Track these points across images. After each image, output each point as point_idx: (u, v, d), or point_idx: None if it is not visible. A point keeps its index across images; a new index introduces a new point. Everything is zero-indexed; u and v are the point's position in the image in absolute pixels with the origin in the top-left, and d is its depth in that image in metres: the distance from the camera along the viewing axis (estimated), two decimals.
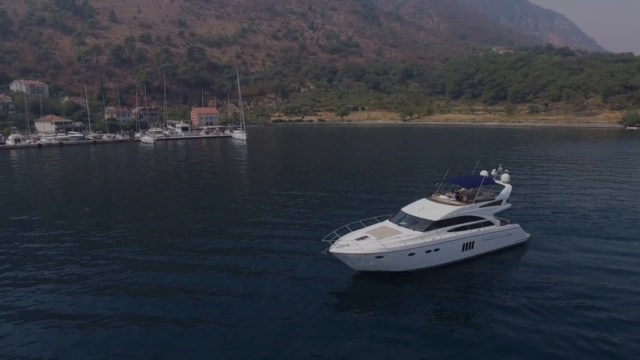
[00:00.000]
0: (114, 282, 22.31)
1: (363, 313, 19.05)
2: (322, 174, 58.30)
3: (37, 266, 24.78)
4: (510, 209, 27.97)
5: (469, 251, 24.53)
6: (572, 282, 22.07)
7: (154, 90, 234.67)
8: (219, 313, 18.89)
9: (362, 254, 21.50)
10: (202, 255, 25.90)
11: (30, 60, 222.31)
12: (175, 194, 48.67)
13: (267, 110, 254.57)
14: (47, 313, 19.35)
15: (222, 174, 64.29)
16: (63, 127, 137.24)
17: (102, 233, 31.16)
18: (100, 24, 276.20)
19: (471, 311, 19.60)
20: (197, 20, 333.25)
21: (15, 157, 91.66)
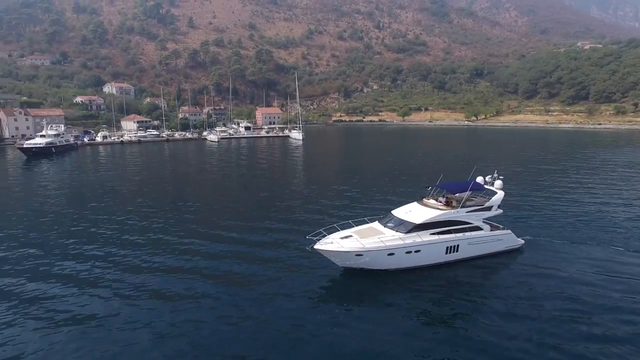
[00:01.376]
0: (163, 253, 26.00)
1: (343, 306, 20.67)
2: (367, 173, 59.45)
3: (114, 247, 29.54)
4: (528, 217, 27.49)
5: (453, 254, 25.19)
6: (556, 292, 22.05)
7: (223, 91, 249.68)
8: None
9: (343, 252, 23.03)
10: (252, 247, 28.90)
11: (121, 65, 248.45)
12: (228, 188, 53.10)
13: (329, 110, 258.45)
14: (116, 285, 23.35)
15: (272, 171, 68.12)
16: (143, 126, 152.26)
17: (160, 220, 35.73)
18: (180, 30, 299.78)
19: (449, 312, 20.42)
20: (267, 23, 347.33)
21: (102, 151, 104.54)
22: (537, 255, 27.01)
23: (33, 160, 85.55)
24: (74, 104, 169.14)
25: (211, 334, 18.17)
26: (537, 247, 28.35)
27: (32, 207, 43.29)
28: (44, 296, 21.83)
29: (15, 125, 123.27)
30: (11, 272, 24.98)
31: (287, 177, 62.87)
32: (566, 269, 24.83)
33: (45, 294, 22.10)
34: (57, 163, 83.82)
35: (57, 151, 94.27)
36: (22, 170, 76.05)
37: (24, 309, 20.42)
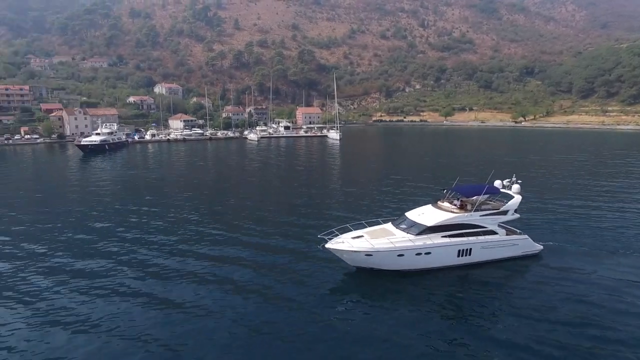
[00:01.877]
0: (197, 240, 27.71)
1: (352, 305, 21.25)
2: (402, 174, 58.96)
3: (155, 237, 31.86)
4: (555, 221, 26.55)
5: (466, 257, 24.99)
6: (571, 300, 21.48)
7: (266, 91, 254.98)
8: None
9: (352, 251, 23.51)
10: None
11: (170, 66, 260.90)
12: (264, 186, 54.79)
13: (369, 110, 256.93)
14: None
15: (307, 170, 69.18)
16: (189, 125, 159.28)
17: (195, 212, 37.84)
18: (226, 31, 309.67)
19: (456, 315, 20.41)
20: (310, 23, 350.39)
21: (150, 149, 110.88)
22: (556, 262, 26.27)
23: (89, 156, 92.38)
24: (127, 104, 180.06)
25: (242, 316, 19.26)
26: (557, 253, 27.52)
27: (86, 199, 47.22)
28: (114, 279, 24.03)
29: (75, 124, 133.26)
30: (82, 255, 27.68)
31: (321, 176, 63.64)
32: (585, 278, 24.04)
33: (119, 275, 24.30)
34: (109, 159, 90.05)
35: (110, 148, 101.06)
36: (78, 165, 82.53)
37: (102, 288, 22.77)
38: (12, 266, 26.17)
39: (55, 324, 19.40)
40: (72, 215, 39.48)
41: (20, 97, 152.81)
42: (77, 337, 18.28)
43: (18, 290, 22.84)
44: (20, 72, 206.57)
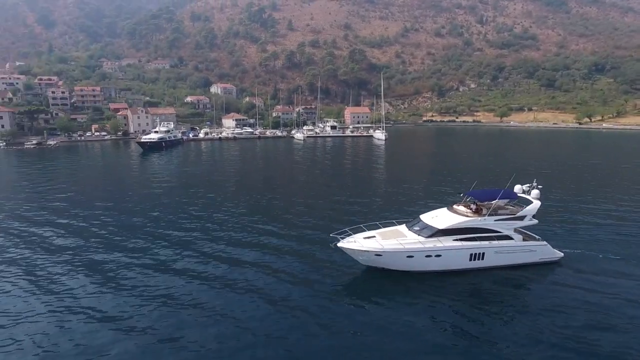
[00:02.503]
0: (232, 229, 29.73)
1: (359, 303, 21.83)
2: (442, 176, 57.80)
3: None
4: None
5: (478, 262, 24.79)
6: (589, 313, 20.68)
7: (316, 91, 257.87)
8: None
9: (362, 251, 24.18)
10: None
11: (226, 66, 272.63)
12: (305, 183, 56.35)
13: (420, 109, 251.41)
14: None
15: (347, 169, 69.81)
16: (240, 124, 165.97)
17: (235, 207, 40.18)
18: (279, 32, 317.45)
19: (463, 318, 20.49)
20: (362, 22, 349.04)
21: (203, 147, 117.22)
22: (576, 270, 25.36)
23: (147, 152, 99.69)
24: (185, 103, 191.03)
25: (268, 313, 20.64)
26: (579, 261, 26.52)
27: (142, 192, 51.59)
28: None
29: (138, 122, 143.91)
30: (139, 244, 30.74)
31: (360, 176, 63.91)
32: (605, 288, 23.01)
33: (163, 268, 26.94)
34: (165, 155, 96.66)
35: (167, 145, 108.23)
36: (138, 161, 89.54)
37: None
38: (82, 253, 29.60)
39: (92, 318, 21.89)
40: (127, 205, 43.43)
41: (93, 98, 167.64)
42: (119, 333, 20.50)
43: (81, 271, 25.90)
44: (94, 74, 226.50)
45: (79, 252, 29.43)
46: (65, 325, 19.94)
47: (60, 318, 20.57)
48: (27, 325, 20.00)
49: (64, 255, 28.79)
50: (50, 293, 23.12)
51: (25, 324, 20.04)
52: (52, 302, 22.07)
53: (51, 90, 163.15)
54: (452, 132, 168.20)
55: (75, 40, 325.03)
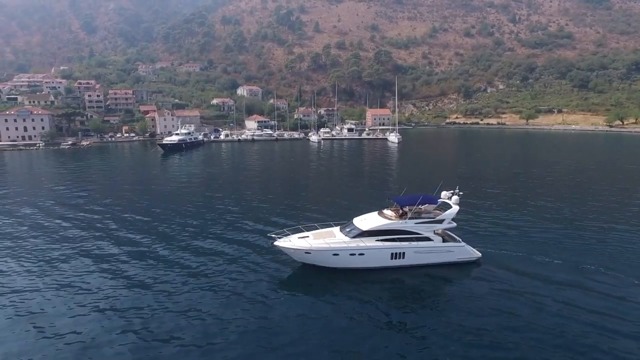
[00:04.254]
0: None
1: (288, 296, 24.81)
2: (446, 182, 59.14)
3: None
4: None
5: (399, 260, 27.41)
6: (490, 306, 23.21)
7: (340, 92, 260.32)
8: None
9: (294, 249, 27.27)
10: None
11: (253, 69, 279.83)
12: (286, 185, 59.44)
13: (445, 111, 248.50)
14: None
15: (341, 173, 71.89)
16: (262, 125, 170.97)
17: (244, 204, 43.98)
18: (306, 34, 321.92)
19: (382, 310, 23.21)
20: (389, 23, 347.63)
21: (223, 148, 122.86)
22: (489, 269, 28.08)
23: (168, 153, 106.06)
24: (210, 105, 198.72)
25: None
26: (496, 261, 29.11)
27: (163, 191, 57.11)
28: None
29: (164, 124, 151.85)
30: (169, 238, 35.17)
31: (346, 179, 66.12)
32: (513, 285, 25.68)
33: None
34: (185, 156, 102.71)
35: (187, 147, 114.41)
36: (159, 161, 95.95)
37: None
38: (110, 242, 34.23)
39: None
40: (147, 203, 48.67)
41: (125, 100, 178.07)
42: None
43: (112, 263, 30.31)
44: (129, 77, 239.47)
45: (95, 240, 34.19)
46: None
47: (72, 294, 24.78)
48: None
49: (79, 241, 33.46)
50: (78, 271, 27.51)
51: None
52: (55, 280, 26.39)
53: (88, 94, 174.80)
54: (473, 134, 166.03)
55: (114, 45, 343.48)
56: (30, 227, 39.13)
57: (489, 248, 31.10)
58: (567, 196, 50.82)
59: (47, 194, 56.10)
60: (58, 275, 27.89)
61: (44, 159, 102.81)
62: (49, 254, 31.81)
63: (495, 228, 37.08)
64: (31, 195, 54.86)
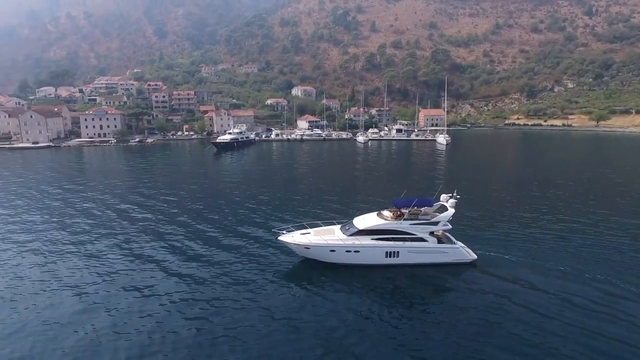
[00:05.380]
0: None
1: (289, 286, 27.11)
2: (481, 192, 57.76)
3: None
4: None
5: (393, 259, 28.77)
6: (482, 307, 24.29)
7: (394, 92, 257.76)
8: None
9: (294, 244, 29.59)
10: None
11: (308, 69, 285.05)
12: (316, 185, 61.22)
13: (505, 112, 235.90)
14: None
15: (376, 176, 72.25)
16: (313, 125, 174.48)
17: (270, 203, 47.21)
18: (362, 34, 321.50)
19: (371, 304, 24.86)
20: (449, 21, 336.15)
21: (273, 147, 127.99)
22: (483, 271, 28.84)
23: (221, 151, 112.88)
24: (265, 105, 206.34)
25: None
26: (491, 264, 29.66)
27: (210, 185, 63.15)
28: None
29: (221, 123, 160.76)
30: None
31: (381, 182, 66.32)
32: (504, 289, 26.42)
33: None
34: (236, 155, 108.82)
35: (238, 145, 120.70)
36: (213, 159, 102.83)
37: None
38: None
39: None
40: (202, 198, 54.06)
41: (187, 100, 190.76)
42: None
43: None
44: (193, 79, 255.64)
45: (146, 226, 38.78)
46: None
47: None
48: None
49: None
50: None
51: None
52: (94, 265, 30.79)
53: (155, 94, 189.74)
54: (534, 137, 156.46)
55: (181, 48, 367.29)
56: (95, 214, 44.97)
57: (501, 253, 31.43)
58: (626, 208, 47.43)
59: (113, 185, 63.29)
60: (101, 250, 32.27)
61: (115, 154, 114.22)
62: (99, 237, 36.70)
63: (518, 234, 36.71)
64: (103, 185, 62.80)
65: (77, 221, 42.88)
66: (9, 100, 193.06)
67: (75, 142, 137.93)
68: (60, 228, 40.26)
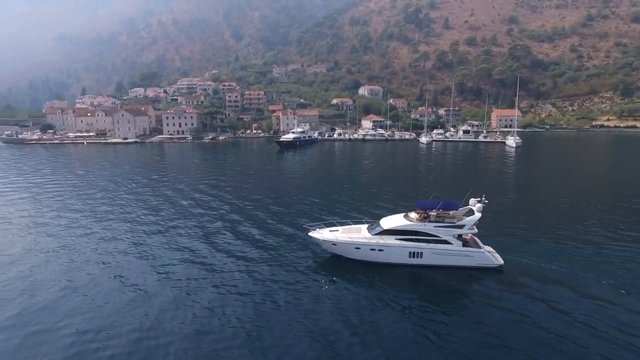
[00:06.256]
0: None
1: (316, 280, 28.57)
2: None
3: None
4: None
5: (417, 259, 29.37)
6: (503, 318, 23.95)
7: (466, 91, 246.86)
8: None
9: (322, 240, 31.17)
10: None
11: (376, 69, 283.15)
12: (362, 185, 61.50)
13: (594, 112, 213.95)
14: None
15: (422, 178, 70.34)
16: (377, 125, 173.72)
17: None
18: (434, 31, 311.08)
19: (391, 302, 25.72)
20: (532, 14, 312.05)
21: (335, 147, 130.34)
22: (509, 278, 28.40)
23: (283, 150, 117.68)
24: (330, 105, 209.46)
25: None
26: (520, 271, 29.15)
27: (274, 181, 68.34)
28: None
29: (287, 122, 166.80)
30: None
31: (425, 185, 64.45)
32: (526, 301, 25.68)
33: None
34: (298, 153, 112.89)
35: (300, 144, 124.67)
36: (276, 156, 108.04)
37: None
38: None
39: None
40: (261, 190, 58.56)
41: (257, 100, 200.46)
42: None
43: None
44: (264, 79, 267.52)
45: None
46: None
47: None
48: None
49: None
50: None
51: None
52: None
53: (228, 95, 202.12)
54: (625, 140, 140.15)
55: (255, 50, 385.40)
56: (174, 203, 50.63)
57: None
58: None
59: (185, 178, 70.06)
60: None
61: (190, 150, 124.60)
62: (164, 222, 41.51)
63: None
64: (176, 179, 70.11)
65: (141, 205, 48.71)
66: (107, 100, 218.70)
67: (157, 139, 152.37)
68: (146, 209, 48.39)
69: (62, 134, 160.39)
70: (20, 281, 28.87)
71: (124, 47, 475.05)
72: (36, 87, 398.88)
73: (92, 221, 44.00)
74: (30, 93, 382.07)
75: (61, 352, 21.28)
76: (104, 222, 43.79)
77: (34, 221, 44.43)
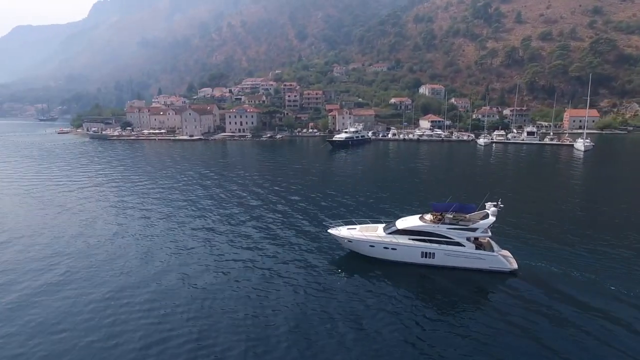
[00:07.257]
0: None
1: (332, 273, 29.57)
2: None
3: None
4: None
5: (429, 259, 30.08)
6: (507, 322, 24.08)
7: (537, 90, 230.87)
8: None
9: (340, 237, 32.79)
10: None
11: (439, 67, 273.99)
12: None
13: None
14: None
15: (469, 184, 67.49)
16: (435, 125, 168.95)
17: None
18: (504, 27, 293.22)
19: (396, 298, 26.73)
20: (620, 3, 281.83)
21: (389, 147, 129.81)
22: (521, 283, 28.12)
23: (335, 149, 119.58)
24: (388, 104, 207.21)
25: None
26: (534, 275, 28.76)
27: (322, 179, 71.68)
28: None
29: (342, 122, 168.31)
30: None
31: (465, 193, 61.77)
32: (536, 307, 25.54)
33: None
34: (350, 153, 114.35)
35: (353, 144, 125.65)
36: (328, 155, 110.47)
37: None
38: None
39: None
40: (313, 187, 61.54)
41: (315, 100, 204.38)
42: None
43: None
44: (324, 78, 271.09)
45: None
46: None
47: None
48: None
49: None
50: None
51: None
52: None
53: (288, 94, 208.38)
54: None
55: (318, 49, 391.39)
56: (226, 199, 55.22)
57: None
58: None
59: (243, 173, 76.10)
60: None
61: (249, 147, 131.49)
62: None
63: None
64: (235, 174, 76.03)
65: (193, 195, 53.37)
66: (178, 99, 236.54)
67: (220, 136, 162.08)
68: (211, 200, 54.08)
69: (138, 130, 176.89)
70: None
71: (196, 49, 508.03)
72: (121, 87, 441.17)
73: (186, 211, 50.30)
74: (116, 93, 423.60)
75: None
76: (198, 214, 49.48)
77: (143, 211, 51.41)
